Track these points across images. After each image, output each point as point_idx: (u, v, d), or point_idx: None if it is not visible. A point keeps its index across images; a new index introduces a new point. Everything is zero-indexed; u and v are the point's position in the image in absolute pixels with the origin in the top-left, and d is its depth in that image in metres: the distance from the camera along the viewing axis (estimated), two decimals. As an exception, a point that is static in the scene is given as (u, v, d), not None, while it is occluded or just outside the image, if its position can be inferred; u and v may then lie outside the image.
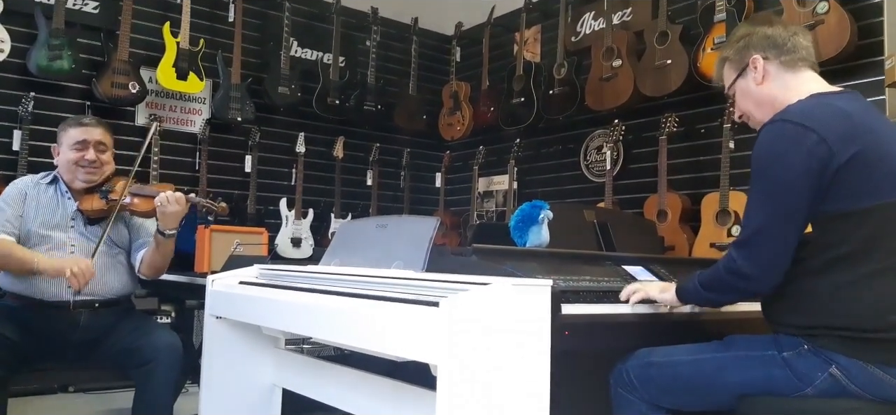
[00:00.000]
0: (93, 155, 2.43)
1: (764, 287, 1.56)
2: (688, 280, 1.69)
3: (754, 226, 1.53)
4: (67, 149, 2.44)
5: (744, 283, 1.54)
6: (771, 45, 1.65)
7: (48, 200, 2.43)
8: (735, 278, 1.55)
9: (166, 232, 2.41)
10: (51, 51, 3.72)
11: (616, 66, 3.93)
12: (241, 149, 4.53)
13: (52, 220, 2.41)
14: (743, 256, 1.53)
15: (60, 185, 2.46)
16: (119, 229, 2.50)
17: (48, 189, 2.45)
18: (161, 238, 2.42)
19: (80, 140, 2.43)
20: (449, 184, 5.18)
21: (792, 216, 1.50)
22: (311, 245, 4.47)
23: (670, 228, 3.57)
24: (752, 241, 1.52)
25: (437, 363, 1.36)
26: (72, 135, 2.44)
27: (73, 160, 2.42)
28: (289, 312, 1.90)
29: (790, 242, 1.51)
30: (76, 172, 2.43)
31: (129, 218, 2.52)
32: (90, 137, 2.44)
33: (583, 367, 1.86)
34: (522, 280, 1.48)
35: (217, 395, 2.31)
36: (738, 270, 1.53)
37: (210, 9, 4.48)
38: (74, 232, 2.43)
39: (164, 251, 2.45)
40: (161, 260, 2.48)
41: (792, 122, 1.50)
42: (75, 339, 2.36)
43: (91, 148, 2.43)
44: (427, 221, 1.87)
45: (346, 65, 4.89)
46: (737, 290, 1.59)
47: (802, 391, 1.49)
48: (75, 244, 2.41)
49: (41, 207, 2.41)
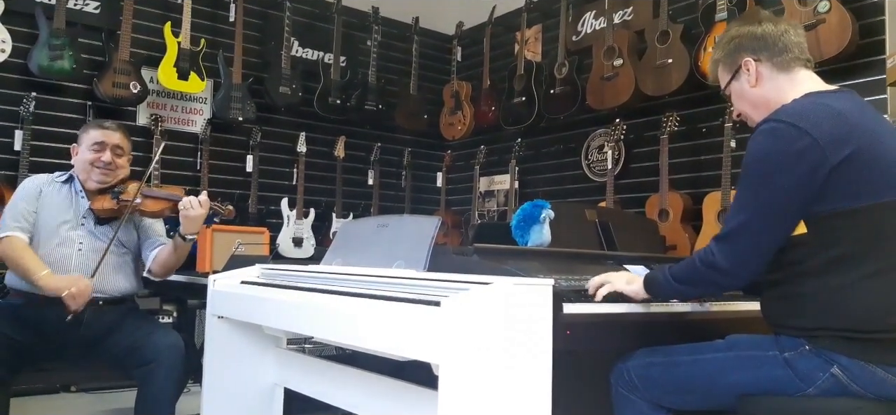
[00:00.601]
0: (109, 157, 2.48)
1: (737, 283, 1.58)
2: (656, 272, 1.68)
3: (736, 222, 1.53)
4: (86, 149, 2.49)
5: (718, 276, 1.55)
6: (762, 46, 1.64)
7: (62, 197, 2.48)
8: (711, 271, 1.55)
9: (187, 236, 2.46)
10: (52, 51, 3.72)
11: (617, 65, 3.93)
12: (242, 149, 4.53)
13: (64, 216, 2.45)
14: (720, 251, 1.54)
15: (75, 183, 2.51)
16: (128, 230, 2.54)
17: (63, 188, 2.50)
18: (181, 241, 2.46)
19: (99, 142, 2.48)
20: (450, 183, 5.18)
21: (774, 216, 1.50)
22: (313, 245, 4.48)
23: (672, 228, 3.57)
24: (732, 236, 1.53)
25: (439, 363, 1.36)
26: (92, 135, 2.50)
27: (90, 160, 2.47)
28: (290, 311, 1.90)
29: (770, 242, 1.52)
30: (91, 172, 2.48)
31: (138, 219, 2.56)
32: (108, 140, 2.49)
33: (584, 366, 1.86)
34: (524, 280, 1.48)
35: (219, 394, 2.32)
36: (715, 263, 1.54)
37: (211, 9, 4.48)
38: (84, 230, 2.47)
39: (180, 254, 2.51)
40: (175, 262, 2.53)
41: (784, 122, 1.49)
42: (78, 336, 2.37)
43: (108, 151, 2.48)
44: (428, 220, 1.87)
45: (347, 64, 4.89)
46: (712, 283, 1.60)
47: (804, 391, 1.49)
48: (83, 242, 2.45)
49: (54, 205, 2.45)
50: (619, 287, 1.71)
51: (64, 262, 2.40)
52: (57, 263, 2.39)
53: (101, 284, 2.41)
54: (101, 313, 2.41)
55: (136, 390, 2.34)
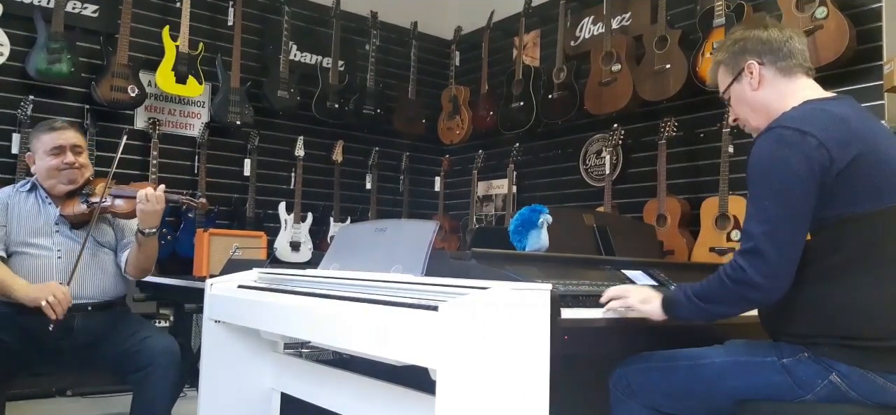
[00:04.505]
0: (71, 158, 2.41)
1: (774, 295, 1.49)
2: (676, 293, 1.62)
3: (760, 232, 1.46)
4: (44, 155, 2.41)
5: (754, 293, 1.48)
6: (767, 50, 1.63)
7: (29, 208, 2.41)
8: (744, 288, 1.48)
9: (146, 231, 2.38)
10: (50, 54, 3.71)
11: (615, 70, 3.93)
12: (240, 152, 4.52)
13: (36, 226, 2.39)
14: (751, 265, 1.46)
15: (40, 191, 2.44)
16: (104, 230, 2.49)
17: (28, 197, 2.43)
18: (141, 237, 2.39)
19: (57, 145, 2.40)
20: (448, 188, 5.18)
21: (797, 219, 1.47)
22: (310, 249, 4.47)
23: (670, 233, 3.56)
24: (759, 248, 1.46)
25: (437, 368, 1.36)
26: (46, 141, 2.41)
27: (53, 166, 2.39)
28: (287, 316, 1.90)
29: (798, 245, 1.48)
30: (57, 177, 2.41)
31: (112, 218, 2.51)
32: (65, 140, 2.42)
33: (582, 371, 1.86)
34: (522, 284, 1.48)
35: (215, 399, 2.31)
36: (748, 279, 1.46)
37: (209, 12, 4.48)
38: (60, 236, 2.41)
39: (146, 251, 2.43)
40: (145, 259, 2.45)
41: (790, 128, 1.48)
42: (71, 343, 2.35)
43: (68, 151, 2.41)
44: (426, 224, 1.87)
45: (346, 69, 4.89)
46: (744, 299, 1.52)
47: (802, 398, 1.49)
48: (61, 248, 2.40)
49: (23, 216, 2.39)
50: (634, 304, 1.66)
51: (45, 271, 2.35)
52: (38, 272, 2.34)
53: (86, 288, 2.37)
54: (91, 318, 2.38)
55: (132, 395, 2.32)
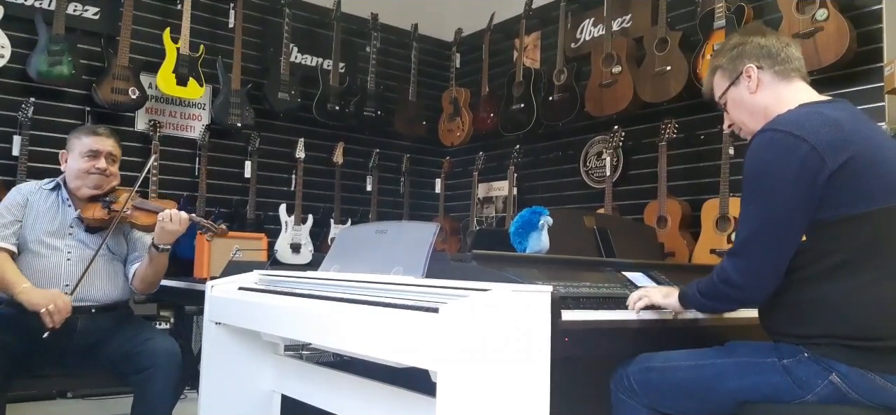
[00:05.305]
0: (104, 164, 2.44)
1: (755, 296, 1.58)
2: (689, 286, 1.70)
3: (745, 236, 1.54)
4: (78, 156, 2.44)
5: (735, 292, 1.56)
6: (765, 54, 1.66)
7: (48, 207, 2.44)
8: (727, 287, 1.57)
9: (161, 246, 2.40)
10: (51, 56, 3.72)
11: (616, 72, 3.93)
12: (240, 154, 4.52)
13: (51, 227, 2.41)
14: (733, 266, 1.55)
15: (62, 192, 2.47)
16: (118, 240, 2.51)
17: (50, 196, 2.46)
18: (155, 252, 2.41)
19: (94, 149, 2.44)
20: (449, 190, 5.18)
21: (783, 226, 1.50)
22: (311, 251, 4.47)
23: (670, 235, 3.56)
24: (743, 251, 1.54)
25: (437, 370, 1.36)
26: (85, 143, 2.44)
27: (84, 169, 2.42)
28: (288, 317, 1.90)
29: (782, 252, 1.52)
30: (85, 180, 2.43)
31: (127, 231, 2.53)
32: (103, 147, 2.45)
33: (583, 371, 1.86)
34: (522, 286, 1.48)
35: (216, 401, 2.31)
36: (729, 279, 1.55)
37: (210, 15, 4.48)
38: (72, 239, 2.43)
39: (156, 266, 2.45)
40: (153, 275, 2.48)
41: (782, 131, 1.50)
42: (73, 344, 2.36)
43: (102, 158, 2.45)
44: (427, 226, 1.87)
45: (346, 71, 4.89)
46: (730, 299, 1.61)
47: (802, 398, 1.49)
48: (72, 251, 2.42)
49: (41, 215, 2.41)
50: (657, 300, 1.75)
51: (53, 272, 2.38)
52: (45, 273, 2.36)
53: (92, 292, 2.38)
54: (94, 321, 2.39)
55: (133, 397, 2.32)
